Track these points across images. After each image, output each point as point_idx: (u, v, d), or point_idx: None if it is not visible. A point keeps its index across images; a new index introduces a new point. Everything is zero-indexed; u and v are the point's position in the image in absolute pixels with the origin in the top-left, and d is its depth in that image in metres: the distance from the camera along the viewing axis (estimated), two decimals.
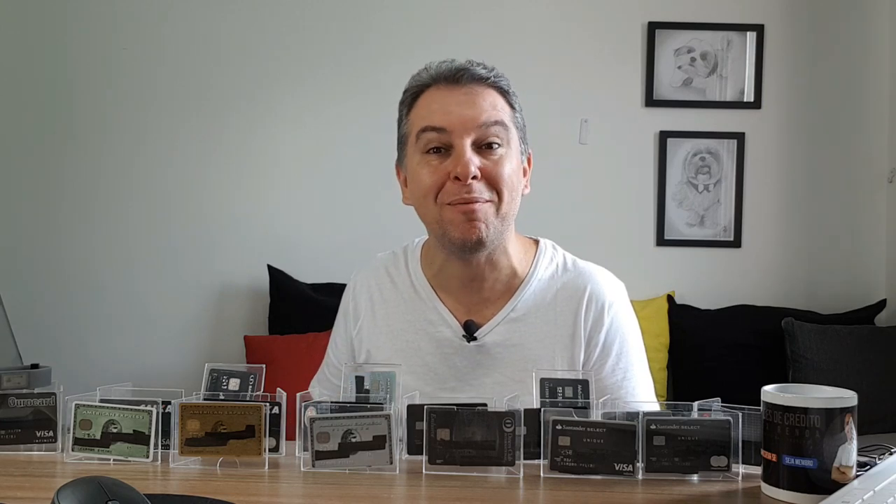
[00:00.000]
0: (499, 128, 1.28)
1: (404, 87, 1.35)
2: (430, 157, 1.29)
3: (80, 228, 3.18)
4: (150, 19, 3.17)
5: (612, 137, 3.17)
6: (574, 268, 1.40)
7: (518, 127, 1.33)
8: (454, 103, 1.28)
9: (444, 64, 1.31)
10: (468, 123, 1.26)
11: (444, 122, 1.27)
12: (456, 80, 1.29)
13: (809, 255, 3.20)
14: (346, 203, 3.17)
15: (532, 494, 0.99)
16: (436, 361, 1.35)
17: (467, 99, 1.28)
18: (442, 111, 1.28)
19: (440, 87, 1.30)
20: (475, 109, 1.27)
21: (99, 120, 3.18)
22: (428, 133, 1.28)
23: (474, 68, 1.30)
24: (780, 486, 0.95)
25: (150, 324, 3.17)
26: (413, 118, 1.32)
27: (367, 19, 3.17)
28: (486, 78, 1.30)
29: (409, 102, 1.33)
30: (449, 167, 1.26)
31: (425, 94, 1.31)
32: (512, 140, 1.30)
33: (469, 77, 1.29)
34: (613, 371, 1.35)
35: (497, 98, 1.30)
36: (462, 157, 1.25)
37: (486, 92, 1.29)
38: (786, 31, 3.18)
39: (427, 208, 1.31)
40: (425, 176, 1.28)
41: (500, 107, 1.30)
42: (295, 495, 1.00)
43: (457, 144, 1.26)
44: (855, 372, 2.78)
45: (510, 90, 1.33)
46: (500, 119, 1.28)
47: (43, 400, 1.17)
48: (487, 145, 1.27)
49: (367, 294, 1.43)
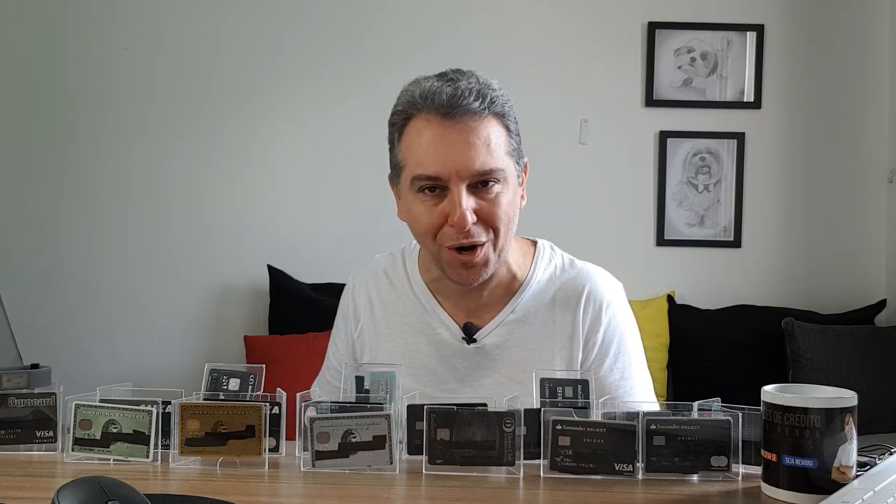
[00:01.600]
0: (494, 172, 1.23)
1: (394, 103, 1.29)
2: (425, 196, 1.25)
3: (80, 228, 3.18)
4: (151, 19, 3.17)
5: (612, 137, 3.17)
6: (572, 268, 1.40)
7: (513, 153, 1.27)
8: (447, 144, 1.21)
9: (435, 87, 1.23)
10: (462, 172, 1.21)
11: (438, 170, 1.22)
12: (448, 116, 1.21)
13: (809, 255, 3.20)
14: (346, 203, 3.17)
15: (532, 494, 0.99)
16: (435, 363, 1.36)
17: (461, 138, 1.21)
18: (434, 156, 1.22)
19: (431, 120, 1.22)
20: (469, 154, 1.21)
21: (99, 120, 3.18)
22: (422, 181, 1.24)
23: (468, 101, 1.21)
24: (780, 486, 0.95)
25: (150, 324, 3.17)
26: (404, 151, 1.27)
27: (367, 19, 3.17)
28: (481, 111, 1.22)
29: (400, 127, 1.27)
30: (446, 209, 1.23)
31: (415, 122, 1.24)
32: (509, 174, 1.26)
33: (461, 112, 1.21)
34: (612, 370, 1.35)
35: (492, 129, 1.23)
36: (458, 207, 1.21)
37: (479, 127, 1.22)
38: (786, 31, 3.18)
39: (426, 244, 1.30)
40: (423, 216, 1.26)
41: (494, 143, 1.23)
42: (295, 495, 1.00)
43: (453, 191, 1.22)
44: (855, 372, 2.78)
45: (506, 110, 1.26)
46: (495, 166, 1.23)
47: (43, 400, 1.17)
48: (483, 182, 1.24)
49: (367, 296, 1.43)
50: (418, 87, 1.25)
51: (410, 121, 1.25)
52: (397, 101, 1.28)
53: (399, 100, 1.28)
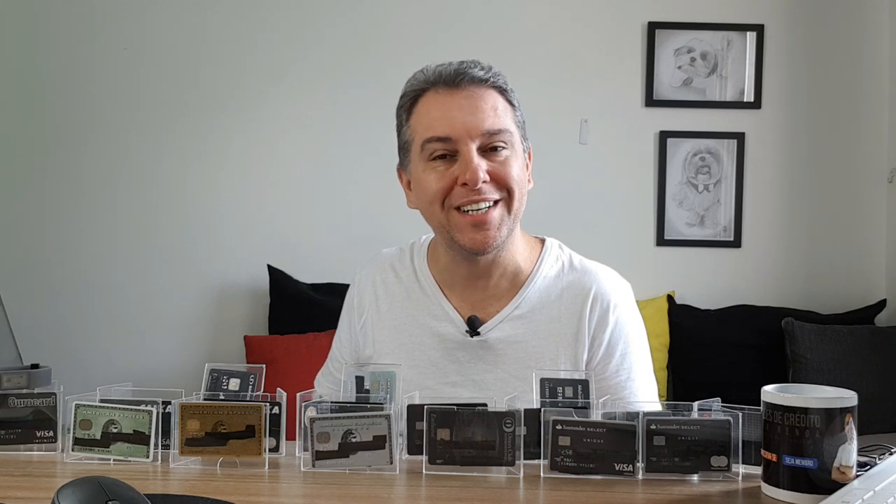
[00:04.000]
0: (503, 134, 1.28)
1: (401, 92, 1.34)
2: (435, 163, 1.28)
3: (79, 228, 3.18)
4: (151, 19, 3.17)
5: (612, 137, 3.17)
6: (580, 267, 1.40)
7: (518, 125, 1.33)
8: (455, 108, 1.27)
9: (440, 67, 1.30)
10: (472, 131, 1.26)
11: (448, 130, 1.26)
12: (455, 84, 1.27)
13: (809, 255, 3.20)
14: (346, 203, 3.17)
15: (532, 494, 0.99)
16: (439, 356, 1.36)
17: (468, 103, 1.27)
18: (444, 118, 1.27)
19: (439, 91, 1.28)
20: (478, 115, 1.26)
21: (99, 120, 3.18)
22: (432, 143, 1.27)
23: (472, 70, 1.28)
24: (780, 486, 0.95)
25: (151, 324, 3.17)
26: (414, 125, 1.31)
27: (368, 20, 3.17)
28: (485, 79, 1.29)
29: (408, 108, 1.32)
30: (456, 172, 1.26)
31: (424, 98, 1.30)
32: (515, 142, 1.30)
33: (468, 80, 1.27)
34: (617, 371, 1.35)
35: (497, 99, 1.29)
36: (470, 164, 1.25)
37: (486, 94, 1.28)
38: (786, 31, 3.18)
39: (434, 213, 1.31)
40: (432, 181, 1.28)
41: (500, 109, 1.29)
42: (295, 495, 1.00)
43: (463, 151, 1.26)
44: (855, 372, 2.78)
45: (508, 87, 1.32)
46: (503, 127, 1.28)
47: (43, 400, 1.17)
48: (493, 148, 1.27)
49: (372, 289, 1.44)
50: (424, 71, 1.31)
51: (419, 99, 1.30)
52: (404, 88, 1.33)
53: (406, 86, 1.33)
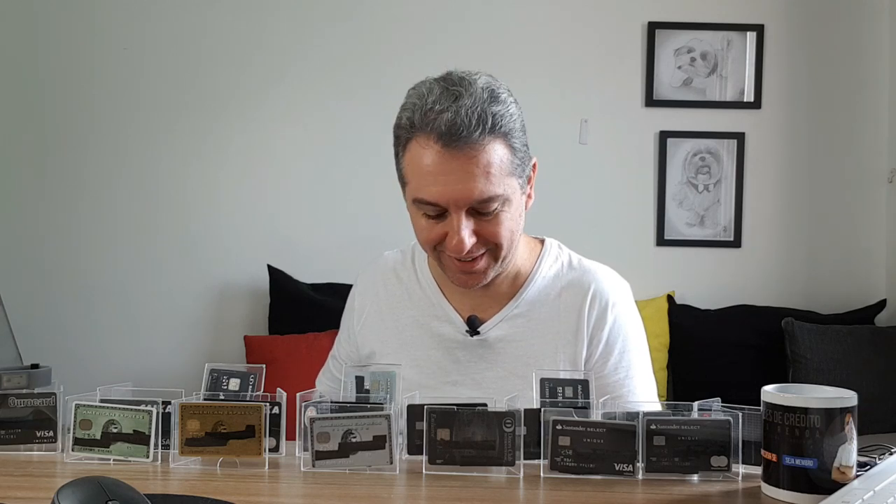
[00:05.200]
0: (493, 199, 1.22)
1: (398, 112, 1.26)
2: (426, 217, 1.26)
3: (79, 228, 3.18)
4: (150, 19, 3.17)
5: (612, 137, 3.17)
6: (579, 266, 1.41)
7: (517, 170, 1.25)
8: (446, 173, 1.19)
9: (437, 110, 1.19)
10: (461, 201, 1.21)
11: (437, 198, 1.21)
12: (448, 145, 1.18)
13: (809, 255, 3.20)
14: (346, 203, 3.17)
15: (532, 494, 0.99)
16: (439, 355, 1.37)
17: (460, 167, 1.19)
18: (434, 185, 1.21)
19: (431, 146, 1.20)
20: (468, 184, 1.19)
21: (98, 120, 3.18)
22: (423, 205, 1.24)
23: (467, 131, 1.17)
24: (780, 486, 0.95)
25: (151, 324, 3.17)
26: (406, 170, 1.25)
27: (370, 21, 3.17)
28: (481, 138, 1.19)
29: (403, 143, 1.25)
30: (445, 228, 1.24)
31: (417, 143, 1.22)
32: (511, 195, 1.25)
33: (462, 142, 1.18)
34: (616, 370, 1.35)
35: (493, 154, 1.20)
36: (456, 234, 1.22)
37: (480, 154, 1.19)
38: (786, 31, 3.18)
39: (426, 251, 1.34)
40: (423, 230, 1.28)
41: (496, 166, 1.20)
42: (295, 495, 1.00)
43: (452, 216, 1.22)
44: (855, 372, 2.78)
45: (508, 130, 1.22)
46: (494, 194, 1.21)
47: (43, 400, 1.17)
48: (483, 208, 1.23)
49: (373, 290, 1.45)
50: (420, 104, 1.21)
51: (411, 141, 1.23)
52: (401, 110, 1.26)
53: (403, 109, 1.25)
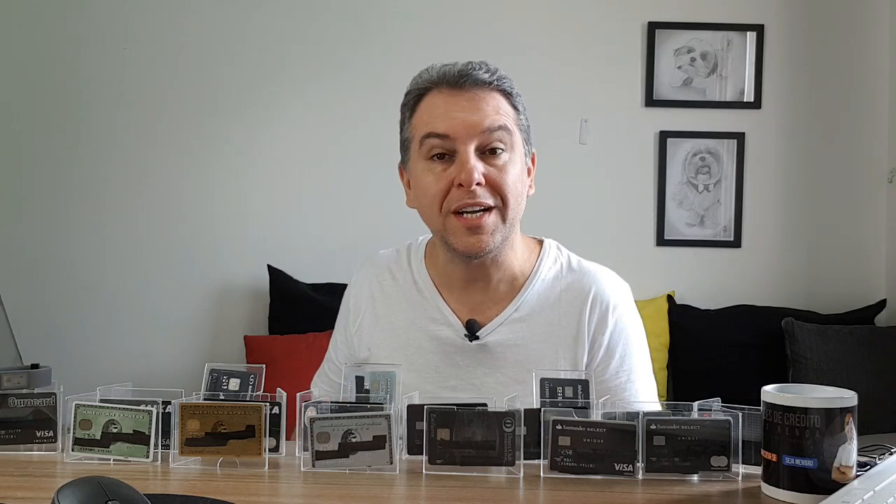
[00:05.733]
0: (502, 132, 1.27)
1: (406, 89, 1.34)
2: (433, 163, 1.28)
3: (79, 229, 3.18)
4: (151, 19, 3.17)
5: (612, 137, 3.17)
6: (579, 268, 1.40)
7: (522, 129, 1.32)
8: (457, 108, 1.27)
9: (446, 67, 1.30)
10: (471, 129, 1.25)
11: (447, 128, 1.26)
12: (459, 85, 1.27)
13: (809, 255, 3.20)
14: (346, 203, 3.17)
15: (532, 494, 0.99)
16: (437, 360, 1.35)
17: (470, 104, 1.27)
18: (444, 117, 1.27)
19: (442, 92, 1.28)
20: (478, 115, 1.26)
21: (99, 120, 3.18)
22: (431, 139, 1.27)
23: (477, 72, 1.28)
24: (780, 486, 0.95)
25: (150, 324, 3.17)
26: (416, 123, 1.31)
27: (369, 20, 3.17)
28: (490, 82, 1.28)
29: (412, 106, 1.32)
30: (453, 173, 1.26)
31: (427, 97, 1.30)
32: (516, 144, 1.30)
33: (472, 81, 1.27)
34: (617, 373, 1.35)
35: (500, 101, 1.29)
36: (466, 164, 1.25)
37: (489, 96, 1.28)
38: (786, 31, 3.18)
39: (432, 216, 1.31)
40: (430, 183, 1.28)
41: (503, 111, 1.28)
42: (295, 495, 1.00)
43: (460, 150, 1.26)
44: (855, 372, 2.78)
45: (513, 92, 1.31)
46: (503, 124, 1.27)
47: (43, 400, 1.16)
48: (491, 150, 1.27)
49: (369, 291, 1.43)
50: (429, 69, 1.31)
51: (423, 97, 1.31)
52: (409, 86, 1.34)
53: (411, 84, 1.34)
